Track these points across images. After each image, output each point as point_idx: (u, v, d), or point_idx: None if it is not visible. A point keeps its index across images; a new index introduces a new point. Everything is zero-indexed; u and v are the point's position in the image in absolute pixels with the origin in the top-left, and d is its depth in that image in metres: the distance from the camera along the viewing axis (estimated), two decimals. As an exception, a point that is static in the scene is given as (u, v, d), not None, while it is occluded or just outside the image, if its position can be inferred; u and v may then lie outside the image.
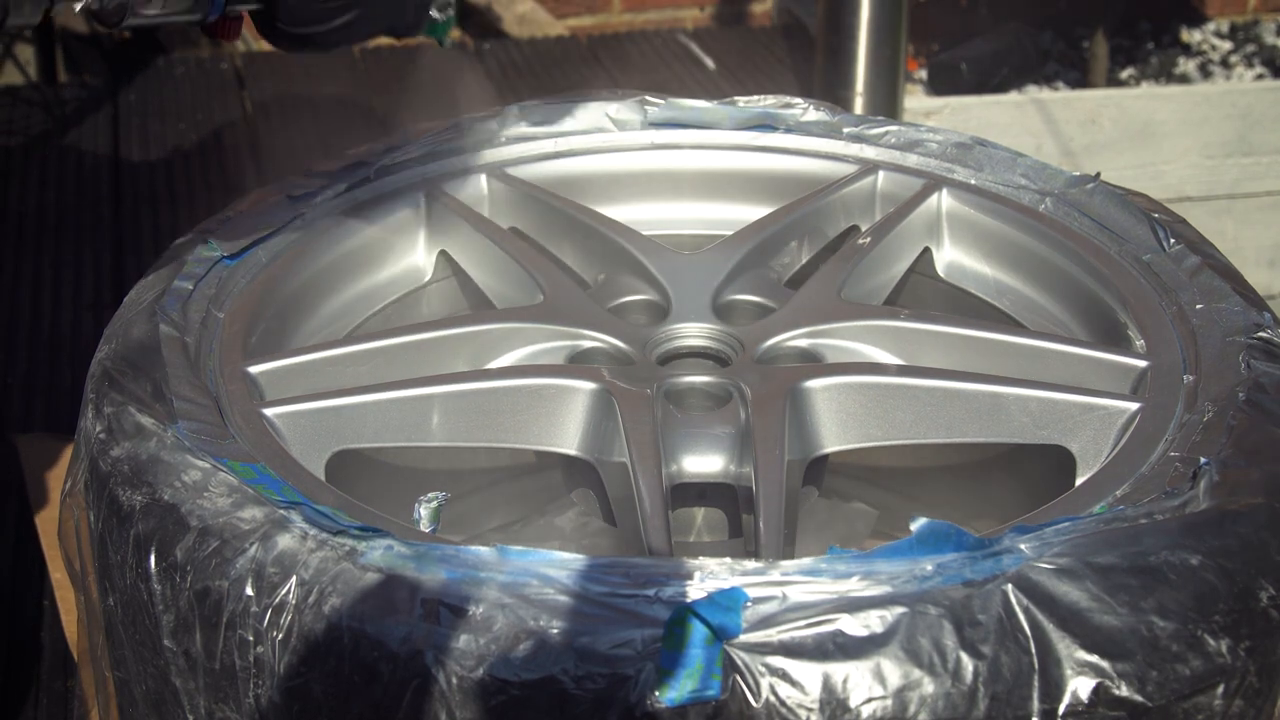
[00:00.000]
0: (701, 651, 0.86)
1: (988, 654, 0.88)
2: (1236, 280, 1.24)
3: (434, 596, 0.89)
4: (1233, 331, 1.17)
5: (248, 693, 0.93)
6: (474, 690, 0.87)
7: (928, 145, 1.45)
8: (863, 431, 1.17)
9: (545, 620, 0.88)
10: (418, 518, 1.02)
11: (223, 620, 0.93)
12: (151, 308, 1.18)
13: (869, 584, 0.89)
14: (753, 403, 1.14)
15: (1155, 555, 0.93)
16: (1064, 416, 1.14)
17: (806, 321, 1.25)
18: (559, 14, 3.47)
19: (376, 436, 1.14)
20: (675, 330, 1.26)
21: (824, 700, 0.86)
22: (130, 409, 1.06)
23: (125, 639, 1.02)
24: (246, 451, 1.04)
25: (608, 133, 1.46)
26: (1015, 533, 0.94)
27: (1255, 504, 0.99)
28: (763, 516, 1.06)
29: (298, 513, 0.96)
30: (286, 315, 1.26)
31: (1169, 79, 3.44)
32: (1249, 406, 1.07)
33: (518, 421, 1.16)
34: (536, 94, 1.47)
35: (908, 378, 1.17)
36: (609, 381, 1.15)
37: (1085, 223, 1.34)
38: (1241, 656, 0.92)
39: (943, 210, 1.39)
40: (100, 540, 1.03)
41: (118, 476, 1.02)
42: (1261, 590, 0.95)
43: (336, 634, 0.90)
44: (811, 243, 1.41)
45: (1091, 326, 1.28)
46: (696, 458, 1.14)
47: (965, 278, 1.39)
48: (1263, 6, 3.71)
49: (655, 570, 0.90)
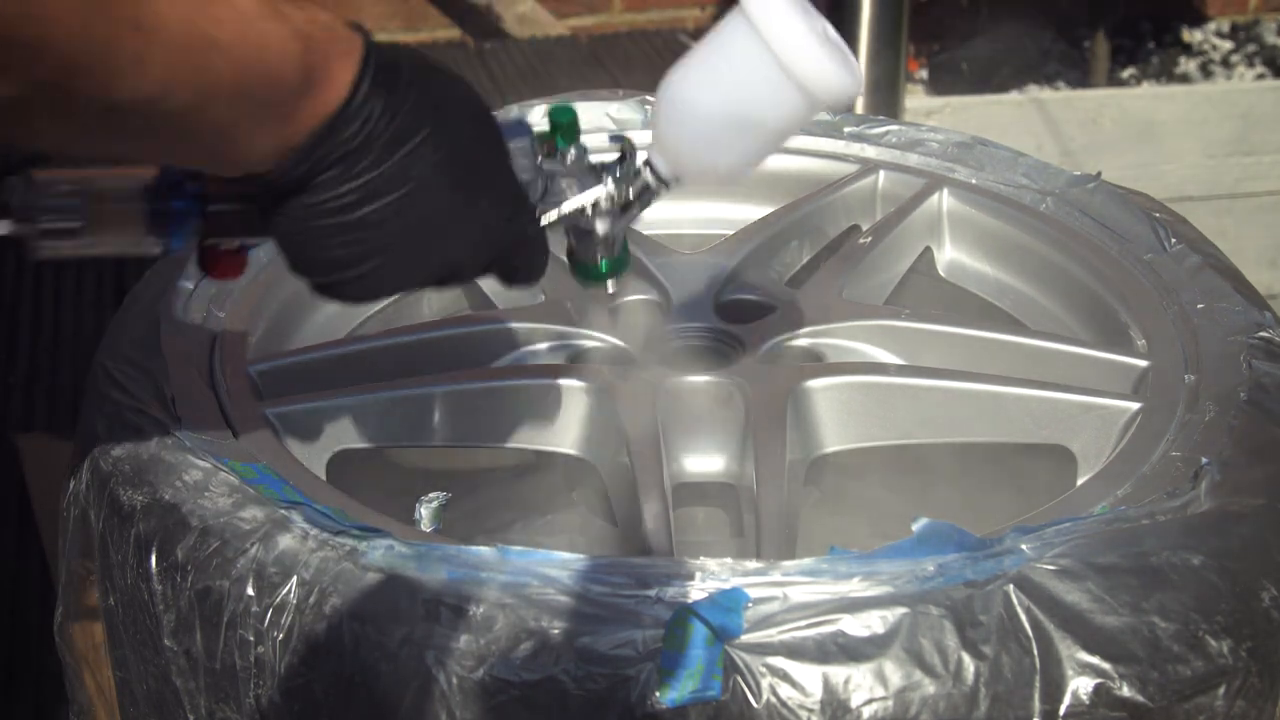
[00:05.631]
0: (702, 652, 0.86)
1: (989, 655, 0.88)
2: (1237, 280, 1.24)
3: (435, 596, 0.89)
4: (1234, 331, 1.17)
5: (248, 693, 0.93)
6: (474, 690, 0.87)
7: (929, 145, 1.45)
8: (864, 431, 1.17)
9: (546, 620, 0.87)
10: (418, 518, 1.02)
11: (223, 620, 0.93)
12: (153, 307, 1.18)
13: (870, 584, 0.89)
14: (754, 402, 1.14)
15: (1157, 555, 0.93)
16: (1065, 416, 1.14)
17: (807, 321, 1.24)
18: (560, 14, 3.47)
19: (377, 436, 1.14)
20: (676, 330, 1.26)
21: (825, 701, 0.86)
22: (131, 409, 1.06)
23: (126, 639, 1.02)
24: (247, 451, 1.04)
25: (609, 133, 1.46)
26: (1016, 533, 0.94)
27: (1257, 504, 0.99)
28: (763, 516, 1.06)
29: (298, 513, 0.96)
30: (287, 315, 1.26)
31: (1170, 79, 3.43)
32: (1250, 406, 1.07)
33: (518, 421, 1.16)
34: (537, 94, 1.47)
35: (909, 377, 1.17)
36: (609, 381, 1.15)
37: (1086, 222, 1.34)
38: (1243, 657, 0.92)
39: (944, 210, 1.39)
40: (101, 540, 1.03)
41: (119, 476, 1.02)
42: (1263, 590, 0.95)
43: (337, 634, 0.90)
44: (812, 242, 1.41)
45: (1092, 326, 1.28)
46: (697, 457, 1.13)
47: (966, 277, 1.39)
48: (1264, 6, 3.70)
49: (656, 570, 0.90)
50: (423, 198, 0.90)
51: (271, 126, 0.84)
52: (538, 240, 1.01)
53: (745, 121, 0.98)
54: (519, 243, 0.99)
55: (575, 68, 3.22)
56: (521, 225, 0.99)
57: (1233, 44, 3.59)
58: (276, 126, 0.85)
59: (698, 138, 1.00)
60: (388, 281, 0.94)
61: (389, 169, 0.88)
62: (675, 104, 1.00)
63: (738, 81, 0.97)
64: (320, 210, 0.89)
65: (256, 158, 0.86)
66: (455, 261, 0.95)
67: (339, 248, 0.90)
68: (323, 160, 0.87)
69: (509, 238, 0.97)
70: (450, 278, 0.97)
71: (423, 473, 1.27)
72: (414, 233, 0.91)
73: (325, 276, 0.93)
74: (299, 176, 0.87)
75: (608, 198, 1.03)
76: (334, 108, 0.86)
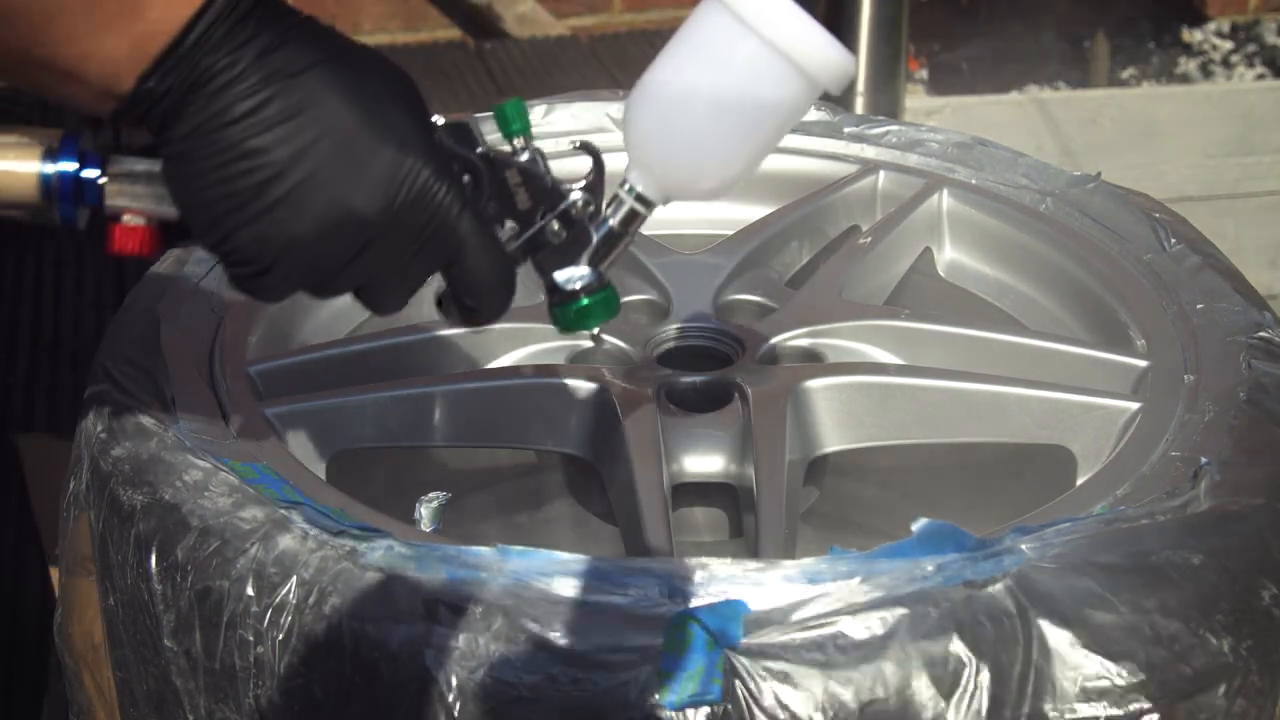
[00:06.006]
0: (702, 655, 0.86)
1: (989, 655, 0.88)
2: (1237, 280, 1.24)
3: (435, 597, 0.89)
4: (1234, 331, 1.17)
5: (248, 693, 0.93)
6: (474, 691, 0.87)
7: (928, 145, 1.45)
8: (863, 431, 1.17)
9: (545, 622, 0.87)
10: (418, 518, 1.02)
11: (223, 620, 0.93)
12: (153, 307, 1.18)
13: (870, 585, 0.89)
14: (753, 402, 1.14)
15: (1157, 555, 0.93)
16: (1065, 416, 1.14)
17: (807, 321, 1.24)
18: (560, 14, 3.47)
19: (377, 436, 1.14)
20: (676, 330, 1.26)
21: (825, 702, 0.86)
22: (131, 409, 1.06)
23: (126, 639, 1.02)
24: (247, 451, 1.04)
25: (609, 133, 1.46)
26: (1016, 533, 0.94)
27: (1256, 504, 0.99)
28: (763, 517, 1.06)
29: (298, 513, 0.96)
30: (287, 315, 1.26)
31: (1170, 79, 3.43)
32: (1250, 406, 1.07)
33: (518, 421, 1.16)
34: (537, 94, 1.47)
35: (909, 378, 1.17)
36: (610, 381, 1.15)
37: (1086, 222, 1.34)
38: (1243, 656, 0.92)
39: (944, 210, 1.39)
40: (101, 540, 1.03)
41: (119, 476, 1.02)
42: (1263, 589, 0.95)
43: (337, 634, 0.90)
44: (812, 242, 1.41)
45: (1092, 326, 1.28)
46: (697, 457, 1.13)
47: (966, 277, 1.39)
48: (1264, 6, 3.70)
49: (656, 571, 0.90)
50: (313, 128, 0.83)
51: (117, 22, 0.81)
52: (487, 247, 0.91)
53: (740, 121, 0.90)
54: (455, 237, 0.89)
55: (575, 68, 3.22)
56: (449, 201, 0.88)
57: (1233, 44, 3.59)
58: (125, 23, 0.81)
59: (687, 149, 0.92)
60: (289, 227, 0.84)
61: (275, 91, 0.82)
62: (657, 114, 0.92)
63: (727, 76, 0.89)
64: (196, 136, 0.83)
65: (108, 67, 0.82)
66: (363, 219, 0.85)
67: (223, 183, 0.83)
68: (190, 76, 0.82)
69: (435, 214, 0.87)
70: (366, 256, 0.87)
71: (423, 473, 1.27)
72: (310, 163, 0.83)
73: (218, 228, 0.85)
74: (171, 102, 0.82)
75: (580, 207, 0.96)
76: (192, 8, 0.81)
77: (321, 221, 0.85)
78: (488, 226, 0.93)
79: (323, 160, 0.84)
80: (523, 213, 0.95)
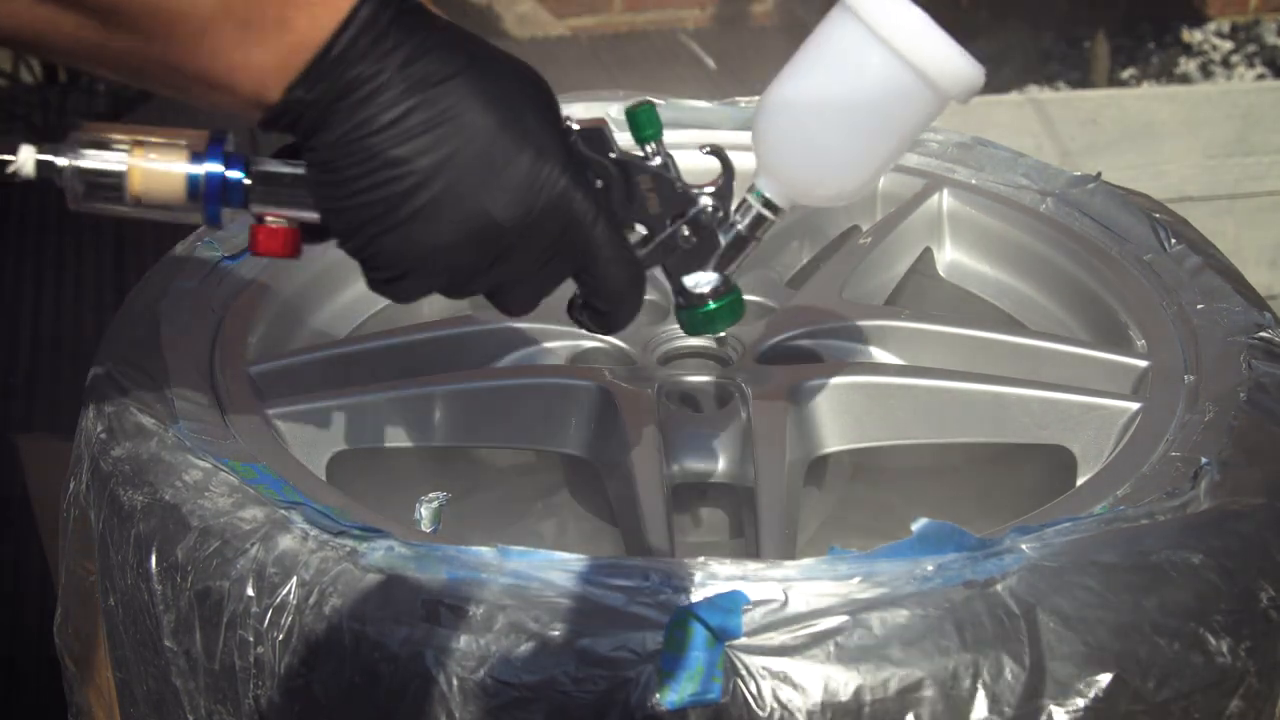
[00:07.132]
0: (702, 654, 0.86)
1: (989, 655, 0.88)
2: (1237, 280, 1.24)
3: (435, 597, 0.89)
4: (1234, 331, 1.17)
5: (248, 693, 0.93)
6: (475, 691, 0.87)
7: (928, 145, 1.45)
8: (864, 431, 1.17)
9: (546, 621, 0.88)
10: (418, 518, 1.02)
11: (223, 621, 0.93)
12: (153, 308, 1.18)
13: (870, 585, 0.89)
14: (754, 402, 1.14)
15: (1156, 555, 0.93)
16: (1065, 416, 1.14)
17: (807, 321, 1.24)
18: (559, 14, 3.47)
19: (377, 437, 1.14)
20: (676, 330, 1.25)
21: (825, 702, 0.86)
22: (131, 409, 1.06)
23: (126, 639, 1.02)
24: (247, 451, 1.04)
25: (608, 133, 1.46)
26: (1016, 533, 0.94)
27: (1256, 504, 0.99)
28: (763, 516, 1.06)
29: (299, 513, 0.96)
30: (287, 315, 1.26)
31: (1170, 79, 3.44)
32: (1250, 406, 1.07)
33: (518, 421, 1.16)
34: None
35: (909, 378, 1.17)
36: (610, 381, 1.15)
37: (1086, 223, 1.34)
38: (1242, 656, 0.92)
39: (944, 210, 1.39)
40: (101, 540, 1.03)
41: (119, 476, 1.02)
42: (1262, 590, 0.95)
43: (337, 635, 0.90)
44: (812, 242, 1.41)
45: (1092, 326, 1.28)
46: (697, 457, 1.13)
47: (966, 278, 1.39)
48: (1264, 6, 3.71)
49: (656, 571, 0.90)
50: (454, 138, 0.85)
51: (265, 36, 0.82)
52: (620, 254, 0.93)
53: (869, 129, 0.91)
54: (589, 243, 0.91)
55: (575, 68, 3.23)
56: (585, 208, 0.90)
57: (1233, 44, 3.59)
58: (272, 36, 0.82)
59: (815, 156, 0.93)
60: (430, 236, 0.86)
61: (418, 101, 0.84)
62: (786, 121, 0.93)
63: (857, 85, 0.90)
64: (342, 144, 0.85)
65: (256, 78, 0.83)
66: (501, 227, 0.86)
67: (366, 191, 0.85)
68: (336, 86, 0.84)
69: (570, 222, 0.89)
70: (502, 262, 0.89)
71: (423, 473, 1.27)
72: (451, 172, 0.85)
73: (360, 234, 0.87)
74: (317, 111, 0.84)
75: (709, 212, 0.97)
76: (337, 20, 0.83)
77: (460, 230, 0.87)
78: (620, 232, 0.94)
79: (463, 170, 0.86)
80: (653, 217, 0.97)
